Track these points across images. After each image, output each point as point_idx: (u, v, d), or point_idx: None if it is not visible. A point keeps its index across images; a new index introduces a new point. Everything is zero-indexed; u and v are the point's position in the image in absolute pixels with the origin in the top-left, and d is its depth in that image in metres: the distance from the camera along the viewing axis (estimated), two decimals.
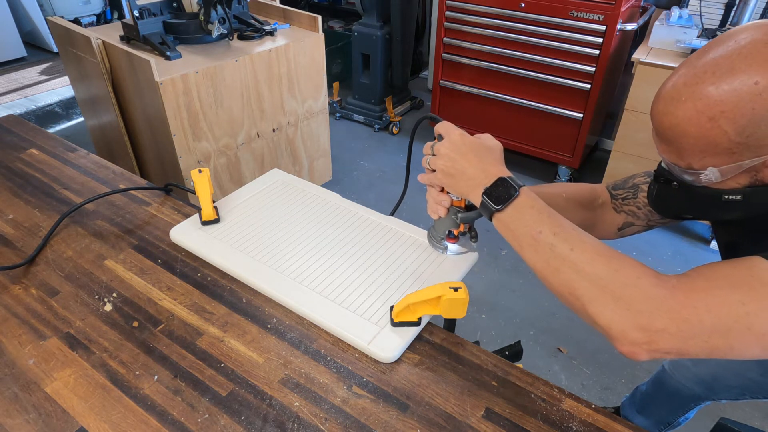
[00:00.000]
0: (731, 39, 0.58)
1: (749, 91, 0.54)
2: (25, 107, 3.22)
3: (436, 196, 0.79)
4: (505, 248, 2.24)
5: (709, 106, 0.56)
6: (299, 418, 0.66)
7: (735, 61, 0.56)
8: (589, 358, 1.76)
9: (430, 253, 0.91)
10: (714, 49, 0.59)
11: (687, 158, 0.62)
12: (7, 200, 1.05)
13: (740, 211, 0.66)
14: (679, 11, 2.18)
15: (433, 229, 0.83)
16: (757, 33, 0.56)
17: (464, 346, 0.77)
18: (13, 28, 3.72)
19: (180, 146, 1.82)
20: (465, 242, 0.80)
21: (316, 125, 2.35)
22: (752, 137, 0.56)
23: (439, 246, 0.82)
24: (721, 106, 0.56)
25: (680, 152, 0.63)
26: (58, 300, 0.83)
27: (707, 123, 0.57)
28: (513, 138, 2.68)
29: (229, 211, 1.00)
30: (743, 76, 0.55)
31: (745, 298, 0.54)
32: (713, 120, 0.57)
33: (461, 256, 0.90)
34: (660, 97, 0.63)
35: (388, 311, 0.79)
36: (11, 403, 0.68)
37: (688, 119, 0.58)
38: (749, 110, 0.55)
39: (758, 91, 0.54)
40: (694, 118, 0.58)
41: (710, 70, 0.57)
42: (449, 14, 2.52)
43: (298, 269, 0.87)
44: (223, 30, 1.91)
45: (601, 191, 0.92)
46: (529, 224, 0.64)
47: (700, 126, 0.58)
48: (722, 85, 0.56)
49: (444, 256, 0.90)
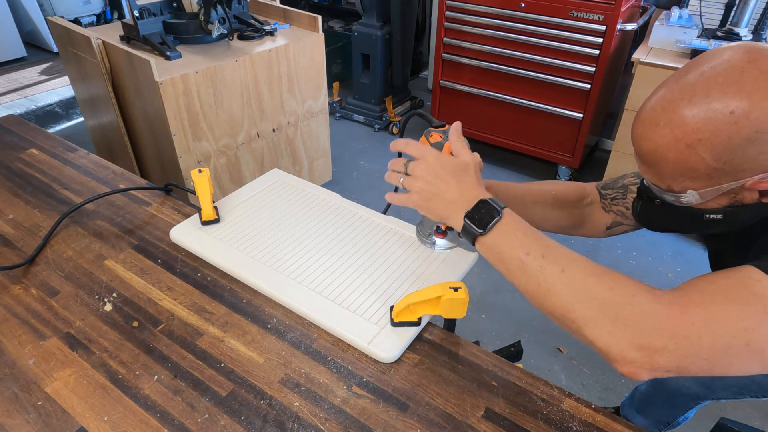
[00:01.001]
0: (709, 62, 0.57)
1: (725, 120, 0.54)
2: (25, 107, 3.22)
3: None
4: None
5: (687, 134, 0.57)
6: (299, 418, 0.66)
7: (711, 87, 0.55)
8: (589, 358, 1.76)
9: (430, 253, 0.91)
10: (692, 71, 0.58)
11: (667, 181, 0.63)
12: (7, 200, 1.05)
13: (722, 228, 0.67)
14: (679, 11, 2.18)
15: (421, 225, 0.83)
16: (734, 58, 0.56)
17: (464, 346, 0.77)
18: (13, 28, 3.72)
19: (180, 146, 1.82)
20: (453, 237, 0.81)
21: (316, 125, 2.35)
22: (729, 164, 0.57)
23: (428, 241, 0.82)
24: (698, 134, 0.56)
25: (660, 175, 0.63)
26: (58, 300, 0.83)
27: (685, 150, 0.57)
28: (513, 138, 2.68)
29: (229, 211, 1.00)
30: (718, 104, 0.55)
31: (742, 313, 0.53)
32: (691, 147, 0.57)
33: (461, 256, 0.90)
34: (639, 120, 0.62)
35: (388, 311, 0.79)
36: (11, 403, 0.68)
37: (666, 145, 0.59)
38: (725, 138, 0.55)
39: (733, 120, 0.54)
40: (672, 144, 0.58)
41: (687, 96, 0.57)
42: (449, 14, 2.52)
43: (298, 269, 0.87)
44: (223, 30, 1.91)
45: (590, 190, 0.92)
46: (515, 246, 0.63)
47: (679, 152, 0.58)
48: (699, 112, 0.56)
49: (444, 256, 0.90)
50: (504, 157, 2.90)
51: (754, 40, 2.01)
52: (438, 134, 0.75)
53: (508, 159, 2.88)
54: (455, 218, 0.66)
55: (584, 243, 2.24)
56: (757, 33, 2.04)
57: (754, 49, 0.56)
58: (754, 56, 0.55)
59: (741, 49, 0.57)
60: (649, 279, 2.08)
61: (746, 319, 0.53)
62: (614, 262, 2.16)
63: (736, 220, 0.64)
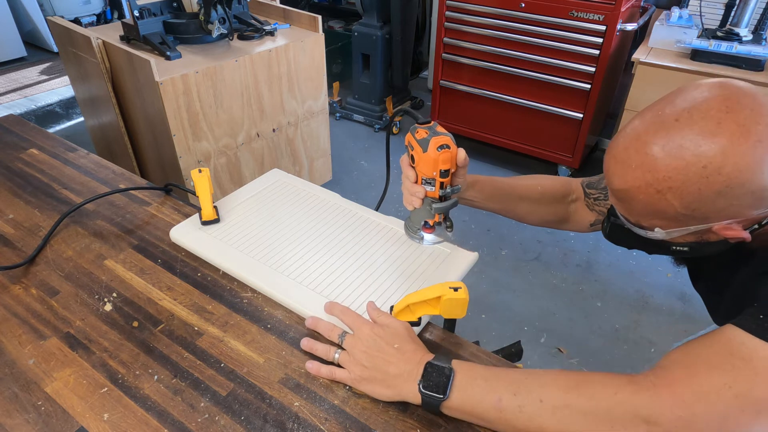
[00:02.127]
0: (686, 104, 0.56)
1: (697, 173, 0.54)
2: (25, 107, 3.22)
3: (410, 187, 0.78)
4: (505, 248, 2.24)
5: (658, 180, 0.56)
6: (299, 418, 0.66)
7: (685, 135, 0.55)
8: (589, 358, 1.76)
9: (431, 252, 0.91)
10: (668, 111, 0.57)
11: (636, 217, 0.63)
12: (7, 200, 1.05)
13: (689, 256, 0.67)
14: (679, 11, 2.18)
15: (409, 220, 0.83)
16: (713, 107, 0.54)
17: (464, 346, 0.77)
18: (13, 28, 3.72)
19: (180, 146, 1.82)
20: (441, 232, 0.81)
21: (316, 125, 2.35)
22: (698, 211, 0.57)
23: (416, 236, 0.83)
24: (668, 182, 0.56)
25: (629, 211, 0.63)
26: (58, 300, 0.83)
27: (655, 194, 0.57)
28: (513, 138, 2.68)
29: (229, 211, 1.00)
30: (692, 156, 0.54)
31: (730, 380, 0.52)
32: (661, 193, 0.57)
33: (461, 256, 0.90)
34: (612, 155, 0.62)
35: (388, 311, 0.79)
36: (11, 403, 0.68)
37: (636, 188, 0.59)
38: (696, 190, 0.55)
39: (705, 174, 0.54)
40: (643, 187, 0.58)
41: (660, 141, 0.56)
42: (449, 14, 2.52)
43: (298, 269, 0.87)
44: (223, 30, 1.91)
45: (575, 187, 0.93)
46: (484, 398, 0.60)
47: (648, 195, 0.58)
48: (671, 161, 0.55)
49: (444, 256, 0.90)
50: (504, 157, 2.90)
51: (754, 40, 2.01)
52: (424, 130, 0.75)
53: (508, 159, 2.88)
54: (408, 391, 0.64)
55: (585, 244, 2.24)
56: (757, 33, 2.04)
57: (733, 95, 0.54)
58: (733, 106, 0.54)
59: (720, 95, 0.55)
60: (649, 279, 2.08)
61: (735, 385, 0.52)
62: (614, 262, 2.16)
63: (702, 252, 0.65)
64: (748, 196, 0.54)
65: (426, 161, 0.73)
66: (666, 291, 2.05)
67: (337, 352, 0.71)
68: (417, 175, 0.77)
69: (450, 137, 0.74)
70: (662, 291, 2.05)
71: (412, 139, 0.76)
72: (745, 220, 0.58)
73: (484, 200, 0.91)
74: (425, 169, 0.74)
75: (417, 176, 0.77)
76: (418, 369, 0.64)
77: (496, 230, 2.35)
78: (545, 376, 0.60)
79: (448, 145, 0.73)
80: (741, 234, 0.58)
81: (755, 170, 0.53)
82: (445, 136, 0.74)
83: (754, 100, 0.54)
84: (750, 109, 0.53)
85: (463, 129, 2.81)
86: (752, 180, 0.53)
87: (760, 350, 0.52)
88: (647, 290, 2.05)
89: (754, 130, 0.53)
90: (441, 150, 0.72)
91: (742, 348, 0.53)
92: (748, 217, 0.57)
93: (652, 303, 1.99)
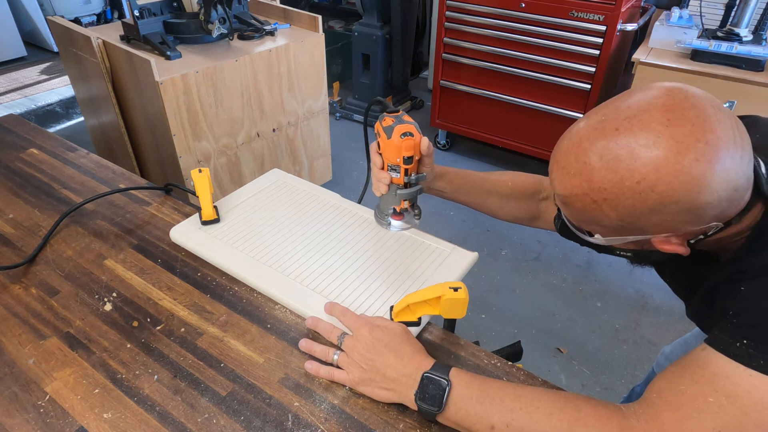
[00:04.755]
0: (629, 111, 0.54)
1: (630, 188, 0.53)
2: (26, 107, 3.22)
3: (377, 173, 0.79)
4: (505, 248, 2.24)
5: (594, 191, 0.55)
6: (299, 417, 0.66)
7: (622, 146, 0.53)
8: (589, 358, 1.76)
9: (431, 252, 0.91)
10: (611, 116, 0.55)
11: (577, 222, 0.63)
12: (7, 200, 1.05)
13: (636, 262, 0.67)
14: (680, 12, 2.18)
15: (378, 208, 0.85)
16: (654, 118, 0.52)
17: (464, 346, 0.77)
18: (14, 28, 3.72)
19: (180, 146, 1.82)
20: (409, 219, 0.83)
21: (316, 125, 2.35)
22: (633, 224, 0.56)
23: (384, 222, 0.85)
24: (604, 193, 0.55)
25: (571, 215, 0.63)
26: (58, 300, 0.83)
27: (592, 203, 0.57)
28: (513, 138, 2.68)
29: (229, 211, 1.00)
30: (626, 171, 0.52)
31: (719, 425, 0.52)
32: (597, 203, 0.56)
33: (461, 256, 0.90)
34: (555, 159, 0.61)
35: (388, 311, 0.79)
36: (11, 403, 0.68)
37: (575, 195, 0.58)
38: (630, 204, 0.54)
39: (639, 190, 0.52)
40: (580, 195, 0.57)
41: (599, 149, 0.54)
42: (449, 14, 2.52)
43: (298, 269, 0.87)
44: (223, 30, 1.91)
45: (547, 186, 0.92)
46: (477, 422, 0.61)
47: (586, 204, 0.57)
48: (607, 173, 0.54)
49: (444, 256, 0.90)
50: (504, 157, 2.90)
51: (754, 40, 2.01)
52: (390, 118, 0.77)
53: (508, 159, 2.88)
54: (405, 396, 0.65)
55: None
56: (758, 33, 2.04)
57: (677, 107, 0.52)
58: (674, 119, 0.51)
59: (664, 106, 0.52)
60: (649, 279, 2.08)
61: (724, 429, 0.52)
62: (615, 262, 2.16)
63: (647, 259, 0.65)
64: (682, 213, 0.53)
65: (390, 147, 0.76)
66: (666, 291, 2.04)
67: (336, 353, 0.71)
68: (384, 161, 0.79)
69: (414, 125, 0.77)
70: (662, 291, 2.05)
71: (379, 127, 0.78)
72: (685, 234, 0.57)
73: (453, 192, 0.91)
74: (390, 156, 0.77)
75: (384, 163, 0.79)
76: (416, 374, 0.65)
77: (496, 230, 2.35)
78: (538, 412, 0.60)
79: (412, 132, 0.76)
80: (678, 249, 0.58)
81: (690, 190, 0.51)
82: (410, 124, 0.77)
83: (699, 113, 0.51)
84: (692, 124, 0.51)
85: (463, 129, 2.81)
86: (686, 199, 0.51)
87: (745, 383, 0.52)
88: (647, 290, 2.05)
89: (692, 147, 0.50)
90: (404, 137, 0.74)
91: (727, 383, 0.52)
92: (686, 231, 0.56)
93: (652, 303, 1.99)
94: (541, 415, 0.59)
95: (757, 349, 0.52)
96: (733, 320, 0.56)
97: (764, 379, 0.51)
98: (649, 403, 0.57)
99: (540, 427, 0.59)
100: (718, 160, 0.50)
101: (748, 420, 0.51)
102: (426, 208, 0.84)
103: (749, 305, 0.55)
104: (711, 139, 0.50)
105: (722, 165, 0.51)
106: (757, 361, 0.52)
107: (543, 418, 0.59)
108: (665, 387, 0.57)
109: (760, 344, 0.52)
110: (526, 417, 0.59)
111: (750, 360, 0.52)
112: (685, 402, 0.54)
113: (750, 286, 0.56)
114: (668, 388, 0.57)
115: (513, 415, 0.60)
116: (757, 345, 0.52)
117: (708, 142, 0.50)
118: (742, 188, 0.54)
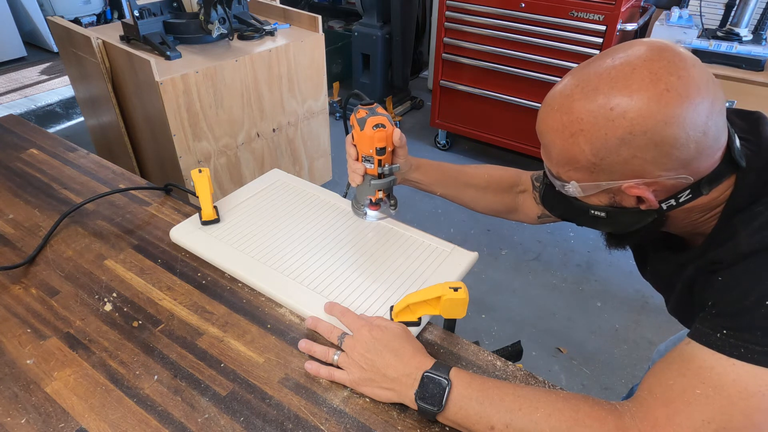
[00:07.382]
0: (614, 54, 0.57)
1: (604, 115, 0.55)
2: (26, 107, 3.22)
3: (352, 164, 0.81)
4: (505, 248, 2.24)
5: (572, 122, 0.57)
6: (299, 418, 0.66)
7: (602, 80, 0.55)
8: (589, 358, 1.76)
9: (431, 252, 0.91)
10: (598, 60, 0.58)
11: (555, 166, 0.64)
12: (7, 200, 1.05)
13: (608, 227, 0.67)
14: (679, 11, 2.18)
15: (355, 200, 0.87)
16: (634, 55, 0.55)
17: (464, 346, 0.77)
18: (13, 28, 3.72)
19: (180, 146, 1.82)
20: (385, 209, 0.86)
21: (316, 125, 2.35)
22: (605, 161, 0.57)
23: (360, 212, 0.87)
24: (580, 124, 0.56)
25: (550, 159, 0.64)
26: (58, 300, 0.83)
27: (569, 138, 0.58)
28: (513, 138, 2.68)
29: (229, 211, 1.00)
30: (603, 98, 0.55)
31: (708, 416, 0.52)
32: (573, 136, 0.57)
33: (461, 256, 0.90)
34: (544, 100, 0.63)
35: (388, 311, 0.79)
36: (11, 403, 0.68)
37: (554, 130, 0.59)
38: (602, 134, 0.55)
39: (612, 117, 0.54)
40: (559, 130, 0.59)
41: (581, 85, 0.57)
42: (449, 14, 2.52)
43: (298, 269, 0.87)
44: (223, 30, 1.91)
45: (525, 179, 0.93)
46: (477, 422, 0.61)
47: (564, 140, 0.59)
48: (585, 104, 0.56)
49: (444, 256, 0.90)
50: (504, 157, 2.90)
51: (754, 40, 2.01)
52: (364, 110, 0.79)
53: (508, 159, 2.88)
54: (405, 395, 0.65)
55: (585, 244, 2.24)
56: (758, 33, 2.04)
57: (657, 48, 0.55)
58: (652, 56, 0.54)
59: (645, 46, 0.55)
60: None
61: (714, 420, 0.52)
62: (615, 262, 2.16)
63: (619, 221, 0.64)
64: (650, 147, 0.54)
65: (363, 139, 0.78)
66: None
67: (336, 353, 0.71)
68: (358, 152, 0.80)
69: (387, 117, 0.78)
70: None
71: (354, 119, 0.80)
72: (653, 184, 0.57)
73: (429, 184, 0.93)
74: (363, 147, 0.79)
75: (358, 154, 0.80)
76: (417, 374, 0.65)
77: (496, 230, 2.35)
78: (537, 413, 0.60)
79: (384, 124, 0.77)
80: (648, 195, 0.58)
81: (658, 119, 0.52)
82: (382, 116, 0.78)
83: (676, 56, 0.54)
84: (668, 61, 0.53)
85: (463, 129, 2.81)
86: (654, 129, 0.53)
87: (729, 373, 0.52)
88: (647, 290, 2.05)
89: (664, 79, 0.52)
90: (376, 129, 0.76)
91: (712, 375, 0.53)
92: (655, 177, 0.57)
93: (652, 303, 1.99)
94: (540, 415, 0.60)
95: (737, 338, 0.53)
96: (712, 311, 0.57)
97: (747, 367, 0.52)
98: (641, 400, 0.57)
99: (539, 428, 0.59)
100: (688, 95, 0.53)
101: (735, 408, 0.52)
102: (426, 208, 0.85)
103: (726, 294, 0.56)
104: (684, 75, 0.53)
105: (692, 102, 0.53)
106: (738, 350, 0.52)
107: (542, 419, 0.59)
108: (655, 383, 0.58)
109: (740, 333, 0.53)
110: (526, 418, 0.60)
111: (731, 349, 0.53)
112: (675, 396, 0.55)
113: (726, 275, 0.57)
114: (657, 384, 0.57)
115: (512, 416, 0.60)
116: (737, 334, 0.53)
117: (681, 77, 0.53)
118: (711, 136, 0.55)
